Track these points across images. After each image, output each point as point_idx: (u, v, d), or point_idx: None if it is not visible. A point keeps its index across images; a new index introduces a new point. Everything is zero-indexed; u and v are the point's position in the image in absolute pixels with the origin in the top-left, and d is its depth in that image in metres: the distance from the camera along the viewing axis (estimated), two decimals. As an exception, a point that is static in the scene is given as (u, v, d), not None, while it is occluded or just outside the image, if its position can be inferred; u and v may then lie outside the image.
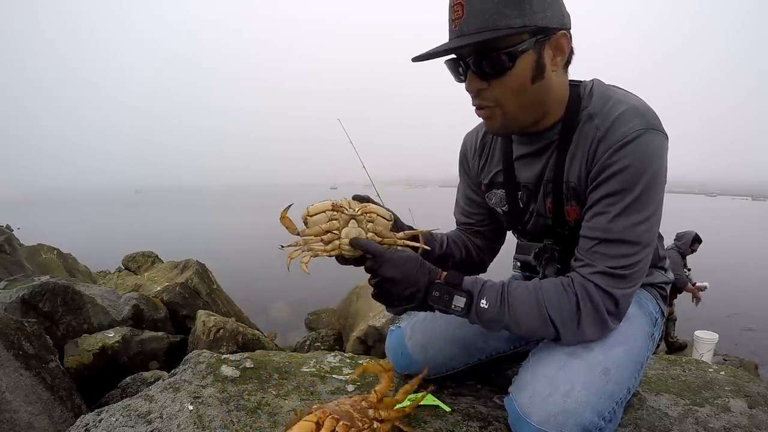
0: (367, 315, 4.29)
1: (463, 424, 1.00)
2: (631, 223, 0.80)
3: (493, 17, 0.77)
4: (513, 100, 0.84)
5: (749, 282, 10.15)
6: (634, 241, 0.81)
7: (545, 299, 0.83)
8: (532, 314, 0.83)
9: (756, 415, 1.11)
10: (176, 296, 3.84)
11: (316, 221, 0.85)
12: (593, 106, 0.87)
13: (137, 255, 6.25)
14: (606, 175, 0.82)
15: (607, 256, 0.82)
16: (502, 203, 1.07)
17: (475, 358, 1.14)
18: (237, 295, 5.16)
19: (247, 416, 0.97)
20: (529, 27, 0.78)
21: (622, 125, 0.81)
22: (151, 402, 1.00)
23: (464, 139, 1.16)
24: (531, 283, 0.86)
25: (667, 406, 1.15)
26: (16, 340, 1.75)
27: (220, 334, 3.10)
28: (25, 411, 1.57)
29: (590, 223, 0.85)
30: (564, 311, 0.82)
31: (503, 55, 0.79)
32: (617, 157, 0.80)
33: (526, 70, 0.81)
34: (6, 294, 2.59)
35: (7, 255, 4.58)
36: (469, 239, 1.16)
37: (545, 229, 1.01)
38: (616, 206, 0.81)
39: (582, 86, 0.91)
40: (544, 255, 1.02)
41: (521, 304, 0.84)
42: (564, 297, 0.82)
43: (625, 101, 0.84)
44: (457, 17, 0.80)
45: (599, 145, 0.83)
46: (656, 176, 0.80)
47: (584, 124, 0.88)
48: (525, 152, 0.98)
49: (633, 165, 0.79)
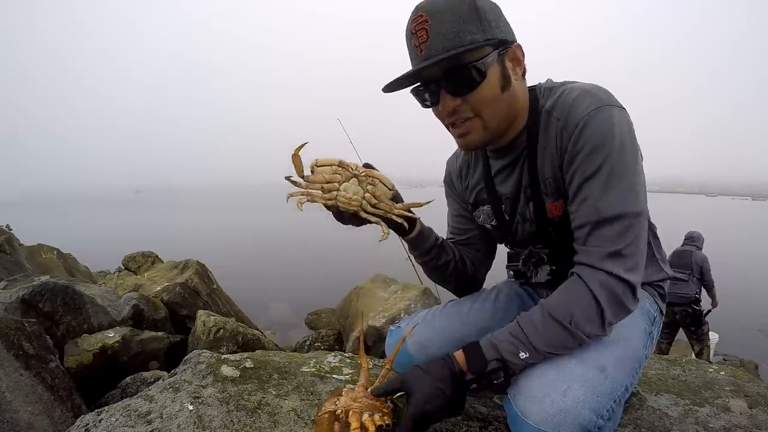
0: (367, 315, 4.29)
1: (463, 424, 1.00)
2: (615, 198, 0.81)
3: (458, 35, 0.80)
4: (489, 109, 0.87)
5: (749, 282, 10.15)
6: (624, 214, 0.81)
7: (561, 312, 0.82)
8: (557, 333, 0.82)
9: (756, 415, 1.11)
10: (176, 296, 3.84)
11: (321, 171, 0.90)
12: (549, 102, 0.91)
13: (137, 255, 6.24)
14: (576, 162, 0.84)
15: (605, 238, 0.81)
16: (490, 219, 1.09)
17: (474, 359, 1.14)
18: (237, 295, 5.16)
19: (247, 416, 0.97)
20: (492, 40, 0.82)
21: (576, 108, 0.84)
22: (151, 402, 1.00)
23: (447, 164, 1.20)
24: (537, 308, 0.85)
25: (667, 406, 1.15)
26: (16, 340, 1.75)
27: (220, 334, 3.11)
28: (25, 411, 1.57)
29: (578, 213, 0.85)
30: (584, 311, 0.81)
31: (474, 69, 0.82)
32: (581, 142, 0.82)
33: (496, 81, 0.85)
34: (6, 294, 2.59)
35: (7, 255, 4.58)
36: (460, 253, 1.16)
37: (532, 234, 1.03)
38: (596, 187, 0.82)
39: (537, 88, 0.96)
40: (531, 260, 1.04)
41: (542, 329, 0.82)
42: (578, 297, 0.82)
43: (575, 87, 0.88)
44: (422, 41, 0.82)
45: (563, 134, 0.86)
46: (622, 146, 0.81)
47: (545, 120, 0.91)
48: (502, 165, 1.01)
49: (596, 143, 0.81)
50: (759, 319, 7.46)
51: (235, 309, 4.76)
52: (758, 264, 13.02)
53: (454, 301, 1.23)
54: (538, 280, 1.07)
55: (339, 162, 0.90)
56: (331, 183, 0.89)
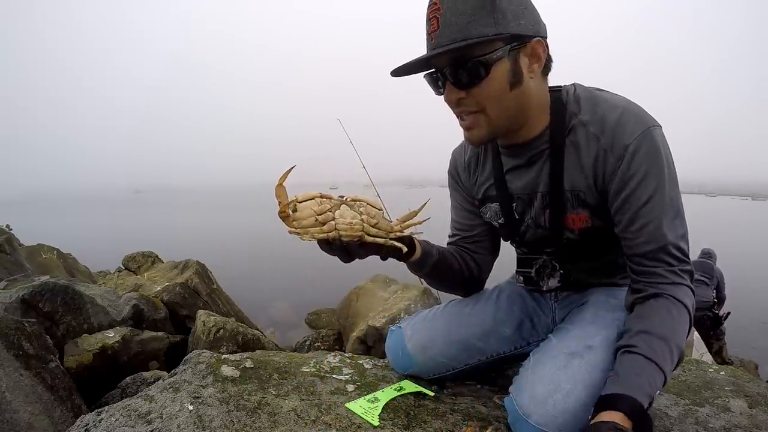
0: (367, 315, 4.29)
1: (463, 424, 1.00)
2: (674, 220, 0.84)
3: (467, 27, 0.78)
4: (494, 105, 0.85)
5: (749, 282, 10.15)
6: (682, 234, 0.85)
7: (674, 339, 0.79)
8: (672, 358, 0.79)
9: (756, 415, 1.11)
10: (176, 296, 3.83)
11: (307, 206, 0.83)
12: (584, 113, 0.88)
13: (137, 255, 6.23)
14: (630, 187, 0.84)
15: (672, 260, 0.84)
16: (497, 216, 1.07)
17: (475, 359, 1.14)
18: (237, 294, 5.16)
19: (247, 416, 0.97)
20: (503, 35, 0.79)
21: (624, 131, 0.83)
22: (151, 402, 1.00)
23: (452, 155, 1.17)
24: (661, 342, 0.78)
25: (667, 406, 1.15)
26: (16, 340, 1.75)
27: (220, 334, 3.10)
28: (25, 411, 1.57)
29: (642, 237, 0.85)
30: (684, 330, 0.81)
31: (477, 64, 0.81)
32: (634, 167, 0.83)
33: (502, 78, 0.83)
34: (6, 294, 2.59)
35: (7, 255, 4.57)
36: (464, 254, 1.14)
37: (544, 239, 1.02)
38: (656, 212, 0.83)
39: (564, 91, 0.92)
40: (545, 270, 1.03)
41: (670, 362, 0.78)
42: (681, 320, 0.81)
43: (616, 104, 0.86)
44: (433, 30, 0.81)
45: (606, 154, 0.85)
46: (670, 166, 0.85)
47: (578, 131, 0.88)
48: (516, 164, 0.98)
49: (650, 168, 0.82)
50: (759, 320, 7.46)
51: (235, 309, 4.76)
52: (758, 264, 13.01)
53: (455, 301, 1.22)
54: (548, 287, 1.07)
55: (319, 194, 0.85)
56: (323, 214, 0.82)
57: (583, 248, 0.99)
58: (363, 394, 1.09)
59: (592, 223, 0.93)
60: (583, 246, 0.98)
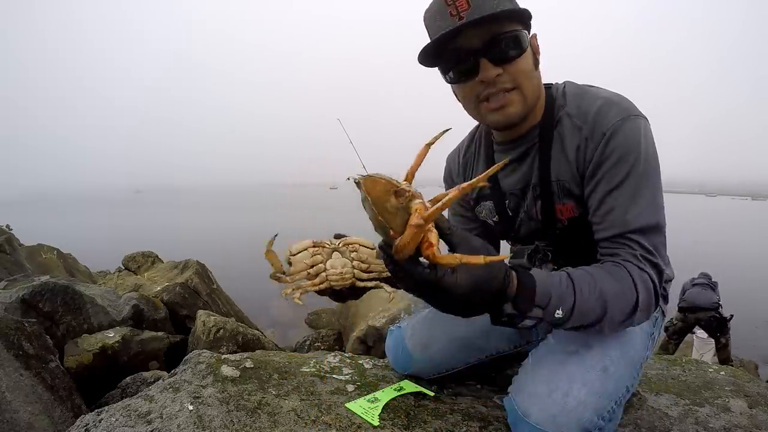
0: (367, 315, 4.29)
1: (463, 424, 1.00)
2: (642, 209, 0.82)
3: (499, 5, 0.81)
4: (528, 82, 0.88)
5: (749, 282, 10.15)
6: (651, 225, 0.83)
7: (609, 295, 0.77)
8: (594, 310, 0.76)
9: (756, 415, 1.11)
10: (176, 296, 3.84)
11: (300, 258, 0.88)
12: (569, 106, 0.91)
13: (137, 255, 6.24)
14: (602, 171, 0.84)
15: (635, 246, 0.82)
16: (492, 214, 1.09)
17: (475, 358, 1.14)
18: (237, 295, 5.16)
19: (247, 416, 0.97)
20: (526, 16, 0.86)
21: (603, 119, 0.84)
22: (151, 402, 1.00)
23: (447, 160, 1.19)
24: (589, 278, 0.78)
25: (667, 406, 1.15)
26: (16, 340, 1.75)
27: (220, 334, 3.10)
28: (25, 411, 1.57)
29: (605, 223, 0.84)
30: (624, 303, 0.78)
31: (516, 38, 0.84)
32: (608, 151, 0.83)
33: (530, 56, 0.88)
34: (6, 294, 2.59)
35: (7, 255, 4.58)
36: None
37: (536, 231, 1.03)
38: (622, 198, 0.83)
39: (554, 88, 0.96)
40: (536, 255, 1.03)
41: (587, 300, 0.76)
42: (624, 288, 0.78)
43: (599, 95, 0.88)
44: (463, 9, 0.82)
45: (587, 142, 0.86)
46: (648, 157, 0.83)
47: (564, 123, 0.91)
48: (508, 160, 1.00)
49: (622, 154, 0.82)
50: (759, 320, 7.46)
51: (235, 309, 4.76)
52: (758, 264, 13.01)
53: None
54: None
55: (312, 242, 0.88)
56: (315, 266, 0.86)
57: (574, 240, 0.99)
58: (363, 394, 1.09)
59: (578, 213, 0.93)
60: (574, 237, 0.98)
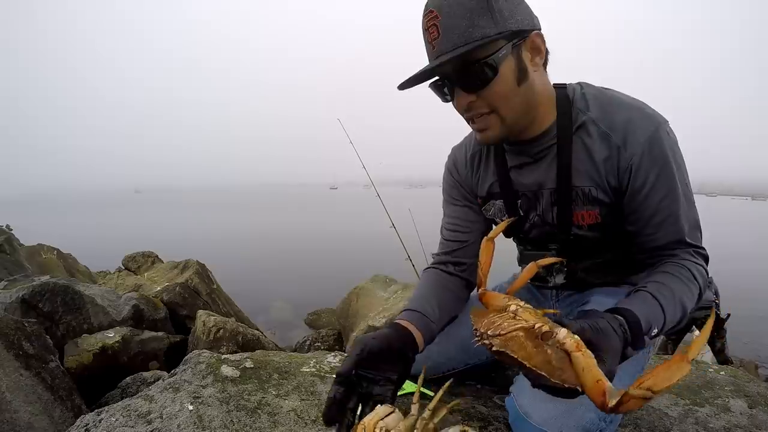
0: (366, 315, 4.29)
1: (463, 423, 1.00)
2: (688, 211, 0.89)
3: (468, 31, 0.78)
4: (505, 104, 0.85)
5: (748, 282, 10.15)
6: (696, 223, 0.91)
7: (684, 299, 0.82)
8: (677, 315, 0.80)
9: (756, 415, 1.11)
10: (176, 296, 3.84)
11: None
12: (593, 111, 0.89)
13: (137, 255, 6.24)
14: (650, 182, 0.87)
15: (688, 247, 0.89)
16: (501, 213, 1.06)
17: (475, 358, 1.14)
18: (237, 295, 5.16)
19: (247, 416, 0.97)
20: (504, 32, 0.79)
21: (636, 128, 0.86)
22: (151, 402, 1.00)
23: (452, 150, 1.15)
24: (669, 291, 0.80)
25: (667, 406, 1.15)
26: (16, 340, 1.75)
27: (220, 334, 3.10)
28: (25, 411, 1.57)
29: (662, 231, 0.88)
30: (692, 297, 0.84)
31: (485, 66, 0.80)
32: (651, 163, 0.86)
33: (510, 75, 0.83)
34: (6, 294, 2.59)
35: (7, 255, 4.58)
36: (457, 280, 1.08)
37: (549, 235, 1.01)
38: (675, 205, 0.87)
39: (570, 88, 0.93)
40: (554, 266, 1.03)
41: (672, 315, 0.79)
42: (689, 286, 0.84)
43: (623, 102, 0.88)
44: (433, 38, 0.81)
45: (620, 152, 0.87)
46: (681, 159, 0.88)
47: (588, 128, 0.89)
48: (522, 161, 0.98)
49: (665, 164, 0.86)
50: (758, 319, 7.46)
51: (235, 309, 4.76)
52: (757, 264, 13.01)
53: None
54: (555, 284, 1.07)
55: None
56: None
57: (588, 245, 0.99)
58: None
59: (603, 220, 0.93)
60: (589, 243, 0.98)
